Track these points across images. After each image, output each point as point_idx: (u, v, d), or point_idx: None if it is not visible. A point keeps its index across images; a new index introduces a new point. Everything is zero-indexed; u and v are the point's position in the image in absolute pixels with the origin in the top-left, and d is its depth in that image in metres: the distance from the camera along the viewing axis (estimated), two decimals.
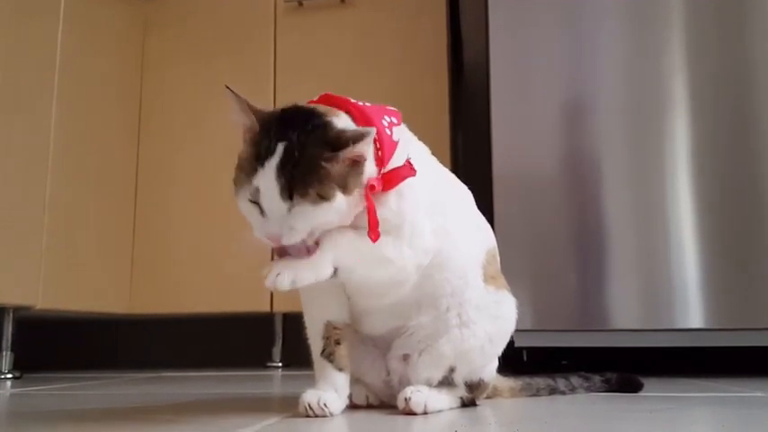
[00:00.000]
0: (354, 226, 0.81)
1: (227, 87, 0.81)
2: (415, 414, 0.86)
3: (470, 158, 2.29)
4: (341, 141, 0.76)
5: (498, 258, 1.00)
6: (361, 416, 0.88)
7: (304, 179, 0.75)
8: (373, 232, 0.79)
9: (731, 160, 1.55)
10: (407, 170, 0.84)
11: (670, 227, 1.55)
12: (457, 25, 2.34)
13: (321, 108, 0.82)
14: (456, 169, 2.16)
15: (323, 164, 0.76)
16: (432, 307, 0.90)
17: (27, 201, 1.73)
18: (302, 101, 0.88)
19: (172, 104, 2.22)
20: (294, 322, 2.25)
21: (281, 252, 0.80)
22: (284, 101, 0.87)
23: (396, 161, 0.83)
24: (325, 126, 0.79)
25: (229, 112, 0.82)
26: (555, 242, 1.59)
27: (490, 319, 0.92)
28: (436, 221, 0.88)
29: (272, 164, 0.75)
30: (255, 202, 0.77)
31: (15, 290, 1.68)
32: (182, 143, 2.19)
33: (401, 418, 0.85)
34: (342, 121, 0.81)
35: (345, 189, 0.77)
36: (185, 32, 2.26)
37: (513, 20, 1.69)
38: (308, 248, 0.79)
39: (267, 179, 0.75)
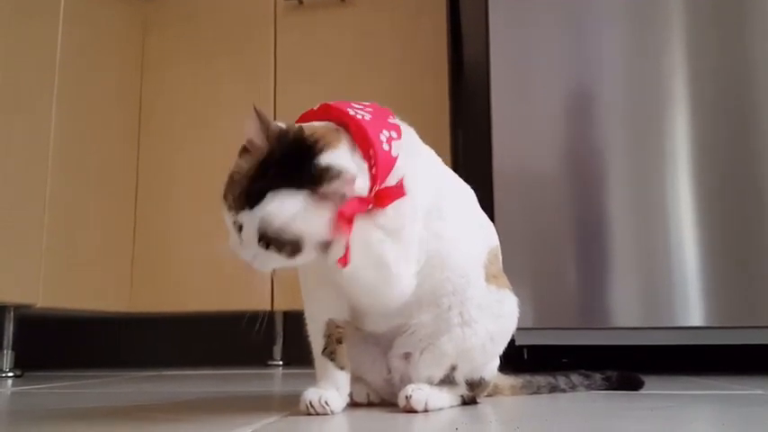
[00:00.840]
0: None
1: (255, 108, 0.80)
2: (415, 412, 0.86)
3: (471, 157, 2.29)
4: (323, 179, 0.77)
5: (500, 257, 1.00)
6: (362, 414, 0.88)
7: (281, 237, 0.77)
8: (343, 259, 0.79)
9: (732, 159, 1.55)
10: (398, 191, 0.82)
11: (670, 225, 1.55)
12: (457, 24, 2.34)
13: (320, 139, 0.81)
14: (456, 168, 2.15)
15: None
16: (433, 305, 0.89)
17: (27, 200, 1.73)
18: (302, 107, 0.88)
19: (172, 104, 2.22)
20: (295, 321, 2.25)
21: None
22: (284, 100, 0.88)
23: (393, 177, 0.83)
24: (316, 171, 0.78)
25: (246, 128, 0.81)
26: (555, 240, 1.59)
27: (492, 317, 0.92)
28: (433, 227, 0.88)
29: (257, 215, 0.77)
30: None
31: (16, 288, 1.68)
32: (182, 143, 2.19)
33: (402, 416, 0.85)
34: (336, 155, 0.80)
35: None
36: (185, 32, 2.26)
37: (513, 19, 1.69)
38: None
39: (250, 224, 0.77)
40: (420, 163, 0.90)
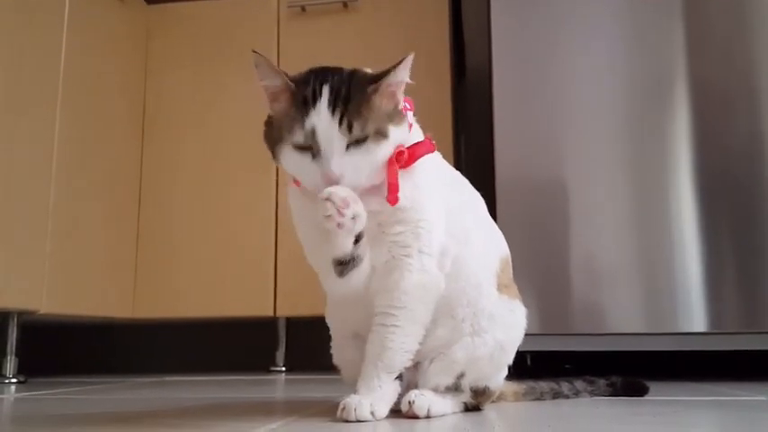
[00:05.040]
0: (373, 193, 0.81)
1: (255, 51, 0.82)
2: (418, 417, 0.86)
3: (473, 163, 2.29)
4: (380, 74, 0.80)
5: (511, 266, 1.00)
6: None
7: (359, 111, 0.77)
8: (392, 195, 0.79)
9: (734, 163, 1.55)
10: (428, 146, 0.85)
11: (673, 230, 1.55)
12: (460, 30, 2.34)
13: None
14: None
15: (371, 96, 0.79)
16: (448, 317, 0.89)
17: (31, 205, 1.73)
18: None
19: (175, 109, 2.23)
20: (297, 327, 2.25)
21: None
22: None
23: (415, 136, 0.86)
24: (359, 70, 0.83)
25: (256, 78, 0.83)
26: (558, 246, 1.59)
27: (503, 327, 0.91)
28: (456, 225, 0.88)
29: (323, 102, 0.77)
30: (306, 148, 0.77)
31: (19, 294, 1.69)
32: (185, 149, 2.20)
33: (405, 422, 0.85)
34: None
35: (393, 122, 0.80)
36: (188, 37, 2.27)
37: (515, 24, 1.70)
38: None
39: (323, 117, 0.77)
40: (436, 162, 0.92)
